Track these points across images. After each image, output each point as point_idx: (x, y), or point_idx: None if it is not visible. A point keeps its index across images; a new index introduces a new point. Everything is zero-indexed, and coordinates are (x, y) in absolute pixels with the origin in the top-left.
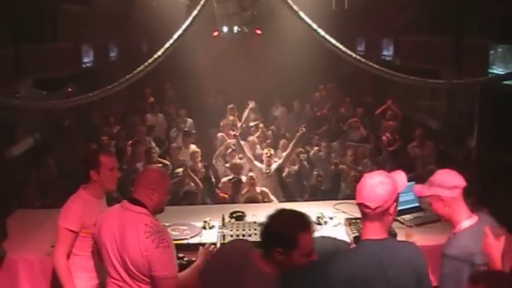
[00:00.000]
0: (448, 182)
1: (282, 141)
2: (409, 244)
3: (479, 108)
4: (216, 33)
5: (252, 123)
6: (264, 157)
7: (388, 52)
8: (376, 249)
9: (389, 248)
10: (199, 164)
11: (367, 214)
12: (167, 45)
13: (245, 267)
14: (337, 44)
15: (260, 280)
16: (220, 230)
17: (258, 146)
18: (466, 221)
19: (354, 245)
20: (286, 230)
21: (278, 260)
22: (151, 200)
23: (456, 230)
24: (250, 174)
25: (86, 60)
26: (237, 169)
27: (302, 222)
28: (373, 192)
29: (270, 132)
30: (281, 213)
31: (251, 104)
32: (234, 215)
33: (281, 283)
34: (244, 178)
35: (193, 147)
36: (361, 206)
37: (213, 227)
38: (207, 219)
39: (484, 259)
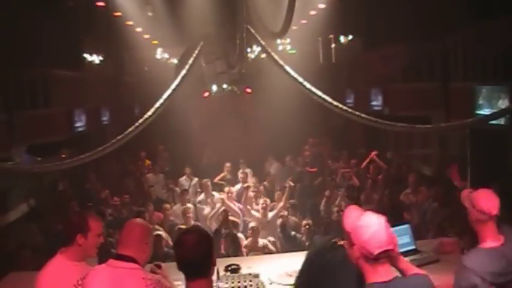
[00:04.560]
0: (479, 205)
1: (276, 193)
2: (419, 277)
3: (470, 152)
4: (206, 94)
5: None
6: (260, 207)
7: (377, 102)
8: None
9: None
10: (192, 221)
11: (382, 258)
12: (157, 105)
13: None
14: (323, 95)
15: None
16: (215, 284)
17: (254, 201)
18: (490, 241)
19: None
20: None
21: None
22: (145, 253)
23: (479, 245)
24: (252, 224)
25: (78, 124)
26: (234, 226)
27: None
28: (390, 234)
29: (262, 187)
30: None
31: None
32: (229, 268)
33: None
34: (240, 234)
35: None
36: (383, 253)
37: None
38: None
39: (495, 280)
